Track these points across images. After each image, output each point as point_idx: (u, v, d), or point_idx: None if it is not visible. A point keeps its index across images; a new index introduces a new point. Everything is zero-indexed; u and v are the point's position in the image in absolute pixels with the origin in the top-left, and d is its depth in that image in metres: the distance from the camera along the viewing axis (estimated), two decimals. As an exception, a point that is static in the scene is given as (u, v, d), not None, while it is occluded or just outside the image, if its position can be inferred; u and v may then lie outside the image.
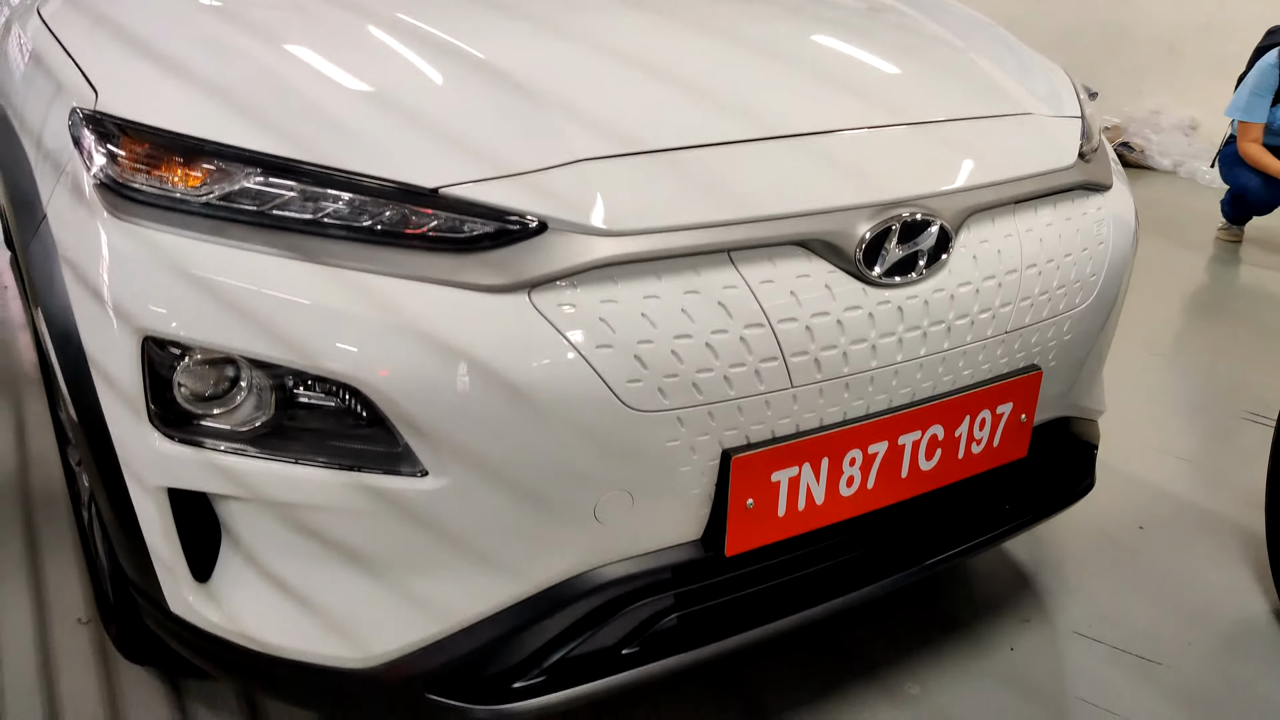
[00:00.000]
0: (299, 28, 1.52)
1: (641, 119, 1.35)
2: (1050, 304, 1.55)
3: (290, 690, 1.38)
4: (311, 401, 1.22)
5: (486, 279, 1.19)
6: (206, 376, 1.23)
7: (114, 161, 1.28)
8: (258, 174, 1.22)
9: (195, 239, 1.21)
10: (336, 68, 1.37)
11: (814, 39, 1.74)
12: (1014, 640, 1.94)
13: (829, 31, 1.80)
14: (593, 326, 1.19)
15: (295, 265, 1.19)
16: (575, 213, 1.22)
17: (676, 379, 1.23)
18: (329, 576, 1.27)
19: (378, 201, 1.21)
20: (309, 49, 1.42)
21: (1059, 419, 1.76)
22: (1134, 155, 5.79)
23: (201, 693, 1.73)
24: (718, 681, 1.78)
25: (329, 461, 1.22)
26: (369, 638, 1.28)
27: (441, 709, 1.32)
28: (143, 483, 1.28)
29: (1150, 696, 1.81)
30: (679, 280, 1.24)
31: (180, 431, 1.24)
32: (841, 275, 1.34)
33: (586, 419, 1.21)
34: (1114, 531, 2.31)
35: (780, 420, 1.33)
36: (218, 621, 1.32)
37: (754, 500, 1.34)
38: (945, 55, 1.78)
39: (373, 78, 1.36)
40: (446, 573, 1.26)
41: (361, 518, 1.22)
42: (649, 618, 1.40)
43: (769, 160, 1.37)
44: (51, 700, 1.72)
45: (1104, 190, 1.67)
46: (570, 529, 1.27)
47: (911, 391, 1.43)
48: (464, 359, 1.16)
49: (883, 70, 1.67)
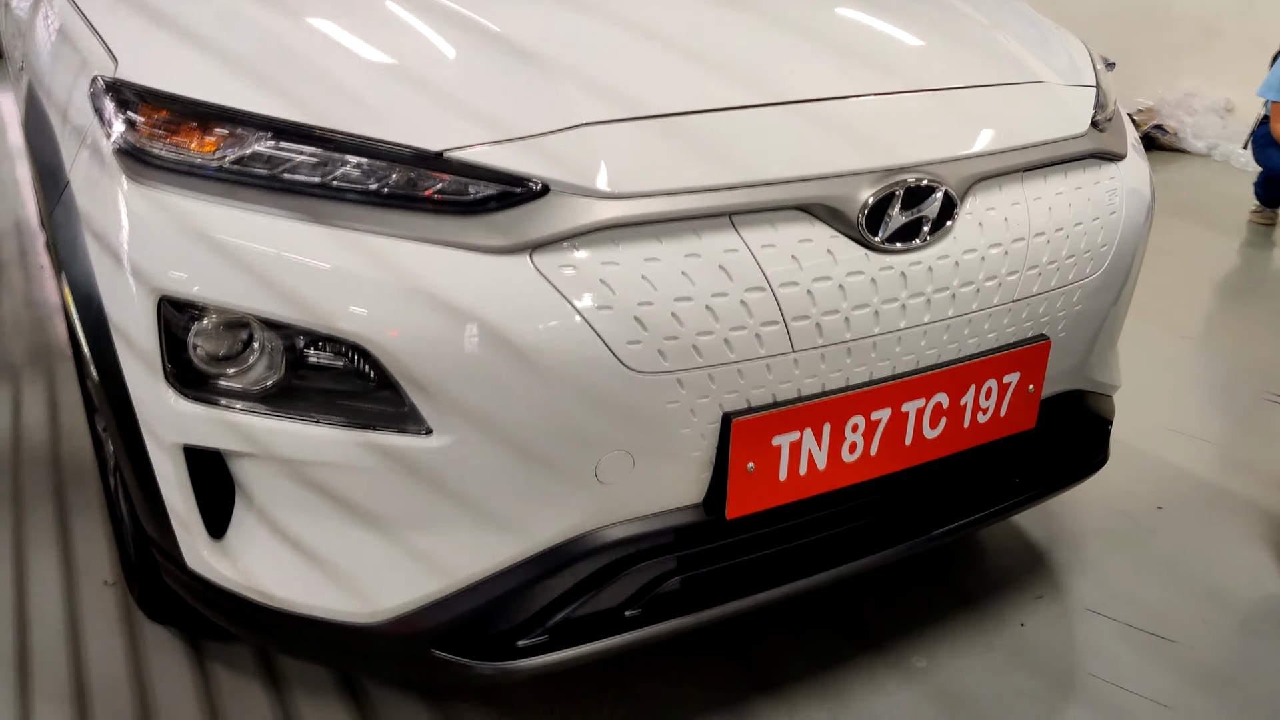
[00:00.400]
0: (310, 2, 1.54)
1: (646, 85, 1.37)
2: (1059, 273, 1.54)
3: (301, 645, 1.42)
4: (320, 361, 1.25)
5: (489, 240, 1.21)
6: (221, 337, 1.26)
7: (132, 128, 1.31)
8: (269, 138, 1.25)
9: (210, 202, 1.24)
10: (348, 36, 1.40)
11: (823, 8, 1.74)
12: (1025, 616, 1.94)
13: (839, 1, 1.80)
14: (593, 288, 1.21)
15: (305, 227, 1.22)
16: (577, 175, 1.24)
17: (676, 341, 1.25)
18: (337, 533, 1.30)
19: (385, 165, 1.24)
20: (322, 19, 1.45)
21: (1071, 392, 1.75)
22: (1167, 138, 5.70)
23: (221, 653, 1.78)
24: (725, 651, 1.80)
25: (337, 420, 1.25)
26: (376, 593, 1.31)
27: (446, 664, 1.35)
28: (160, 440, 1.32)
29: (1162, 673, 1.80)
30: (680, 243, 1.26)
31: (196, 390, 1.28)
32: (844, 240, 1.35)
33: (587, 379, 1.23)
34: (1132, 510, 2.29)
35: (781, 384, 1.34)
36: (232, 577, 1.36)
37: (755, 464, 1.35)
38: (957, 24, 1.78)
39: (382, 46, 1.39)
40: (450, 530, 1.28)
41: (368, 475, 1.25)
42: (651, 580, 1.42)
43: (773, 125, 1.38)
44: (77, 659, 1.77)
45: (1118, 160, 1.66)
46: (572, 489, 1.29)
47: (915, 358, 1.44)
48: (466, 319, 1.19)
49: (892, 38, 1.67)
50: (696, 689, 1.72)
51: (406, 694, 1.69)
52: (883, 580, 2.00)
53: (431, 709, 1.67)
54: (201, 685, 1.71)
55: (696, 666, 1.76)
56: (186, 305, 1.25)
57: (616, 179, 1.25)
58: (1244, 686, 1.78)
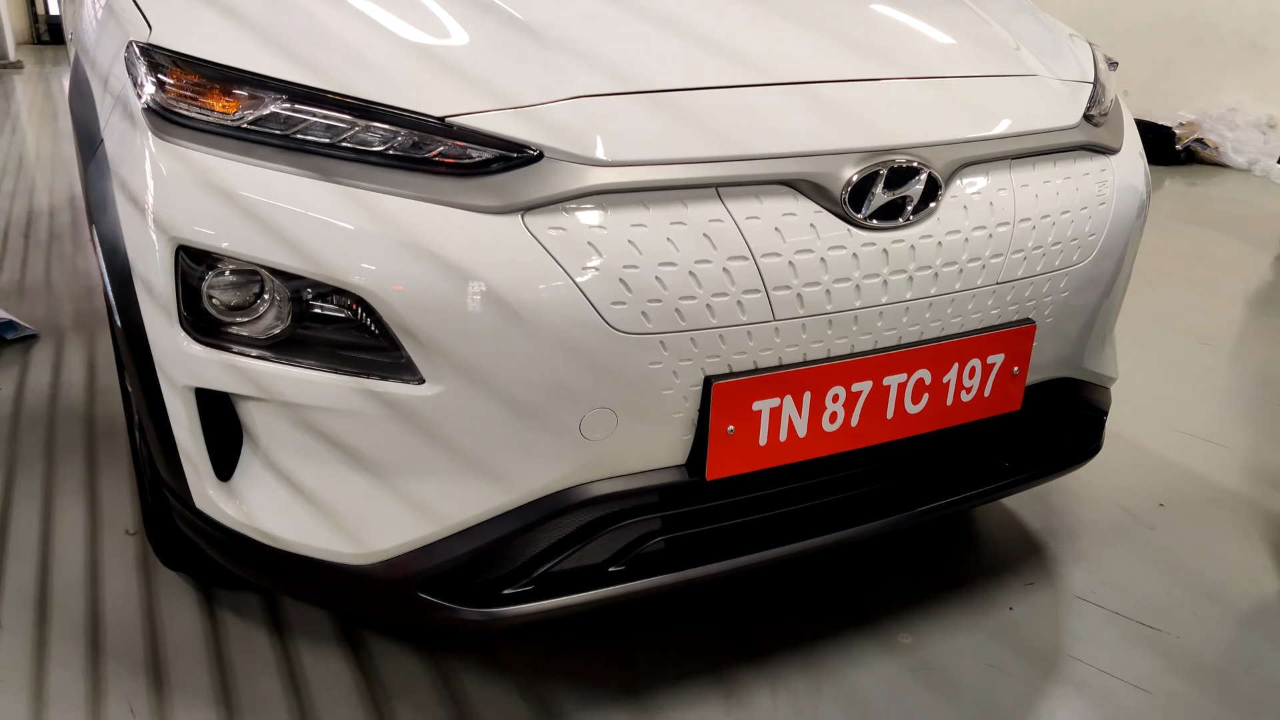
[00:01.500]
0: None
1: (643, 62, 1.43)
2: (1045, 259, 1.58)
3: (299, 584, 1.49)
4: (324, 312, 1.32)
5: (485, 201, 1.28)
6: (233, 287, 1.34)
7: (161, 89, 1.40)
8: (285, 101, 1.33)
9: (228, 159, 1.32)
10: (364, 9, 1.48)
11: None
12: (1014, 601, 1.97)
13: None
14: (581, 250, 1.28)
15: (314, 184, 1.30)
16: (571, 143, 1.30)
17: (660, 304, 1.31)
18: (334, 477, 1.37)
19: (391, 128, 1.31)
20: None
21: (1062, 380, 1.78)
22: (1208, 152, 5.66)
23: (230, 601, 1.86)
24: (714, 624, 1.85)
25: (337, 367, 1.32)
26: (368, 536, 1.39)
27: (434, 608, 1.41)
28: (173, 383, 1.40)
29: (1147, 659, 1.82)
30: (666, 211, 1.32)
31: (208, 336, 1.36)
32: (827, 216, 1.40)
33: (572, 336, 1.29)
34: (1133, 506, 2.31)
35: (762, 351, 1.39)
36: (236, 517, 1.43)
37: (735, 427, 1.40)
38: (956, 17, 1.82)
39: (396, 18, 1.46)
40: (440, 477, 1.35)
41: (364, 420, 1.32)
42: (636, 539, 1.48)
43: (763, 104, 1.43)
44: (95, 601, 1.86)
45: (1110, 154, 1.70)
46: (557, 442, 1.35)
47: (898, 334, 1.49)
48: (459, 274, 1.26)
49: (889, 28, 1.72)
50: (683, 658, 1.77)
51: (403, 646, 1.77)
52: (875, 560, 2.04)
53: (425, 662, 1.74)
54: (210, 630, 1.79)
55: (685, 637, 1.82)
56: (202, 254, 1.33)
57: (608, 148, 1.31)
58: (1227, 676, 1.79)
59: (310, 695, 1.66)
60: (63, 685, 1.67)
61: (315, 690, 1.67)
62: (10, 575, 1.93)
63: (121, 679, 1.68)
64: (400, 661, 1.74)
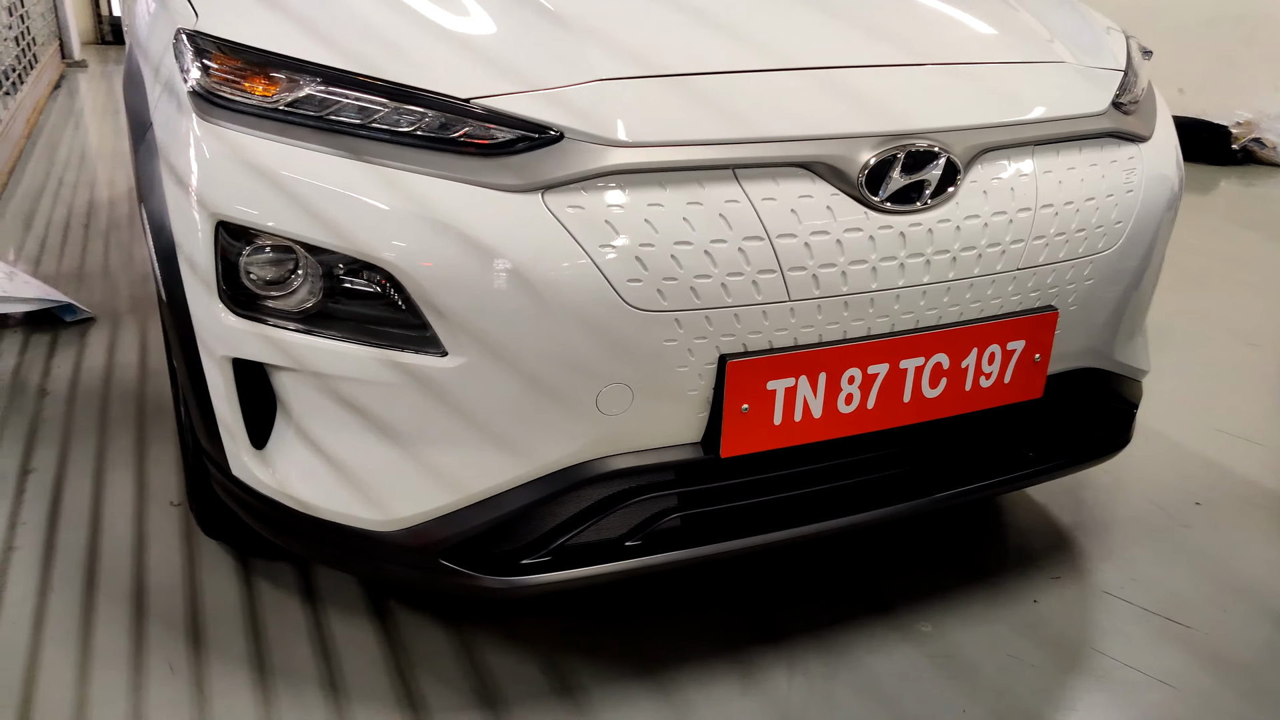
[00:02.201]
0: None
1: (664, 46, 1.47)
2: (1068, 245, 1.58)
3: (327, 549, 1.54)
4: (353, 287, 1.38)
5: (507, 180, 1.32)
6: (270, 262, 1.40)
7: (206, 73, 1.46)
8: (319, 83, 1.39)
9: (265, 139, 1.38)
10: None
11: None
12: (1039, 594, 1.96)
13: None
14: (598, 228, 1.31)
15: (346, 163, 1.35)
16: (590, 125, 1.34)
17: (675, 282, 1.34)
18: (361, 445, 1.42)
19: (419, 109, 1.36)
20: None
21: (1089, 370, 1.78)
22: (1265, 152, 5.54)
23: (266, 570, 1.93)
24: (734, 606, 1.88)
25: (365, 339, 1.37)
26: (392, 503, 1.43)
27: (454, 574, 1.46)
28: (212, 354, 1.46)
29: (1172, 655, 1.81)
30: (683, 192, 1.35)
31: (245, 309, 1.42)
32: (844, 199, 1.42)
33: (589, 312, 1.32)
34: (1168, 504, 2.29)
35: (777, 331, 1.42)
36: (269, 483, 1.49)
37: (749, 406, 1.43)
38: (982, 4, 1.82)
39: (426, 3, 1.52)
40: (461, 447, 1.40)
41: (390, 391, 1.37)
42: (652, 515, 1.51)
43: (782, 88, 1.46)
44: (140, 567, 1.94)
45: (1139, 141, 1.69)
46: (573, 416, 1.39)
47: (915, 317, 1.50)
48: (481, 250, 1.30)
49: (912, 14, 1.73)
50: (701, 638, 1.79)
51: (428, 618, 1.82)
52: (899, 549, 2.05)
53: (450, 634, 1.78)
54: (246, 597, 1.86)
55: (705, 618, 1.84)
56: (241, 230, 1.39)
57: (627, 129, 1.35)
58: (1255, 673, 1.77)
59: (339, 661, 1.71)
60: (108, 643, 1.74)
61: (343, 656, 1.73)
62: (63, 541, 2.01)
63: (162, 639, 1.75)
64: (425, 632, 1.79)
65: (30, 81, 6.24)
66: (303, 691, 1.65)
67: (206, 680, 1.67)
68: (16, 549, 1.99)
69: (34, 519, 2.08)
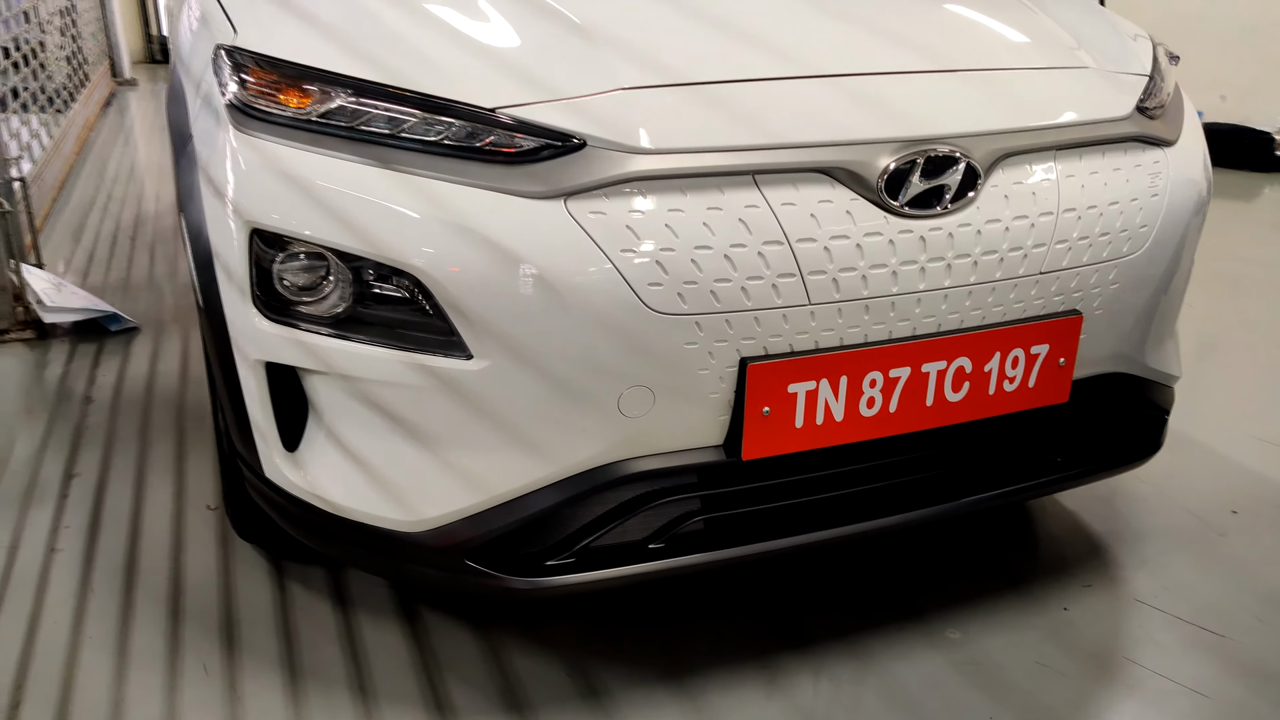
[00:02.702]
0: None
1: (685, 55, 1.49)
2: (1091, 249, 1.58)
3: (356, 550, 1.57)
4: (381, 292, 1.41)
5: (531, 187, 1.35)
6: (301, 269, 1.44)
7: (243, 86, 1.51)
8: (350, 94, 1.42)
9: (298, 149, 1.42)
10: (425, 7, 1.57)
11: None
12: (1070, 602, 1.94)
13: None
14: (619, 233, 1.34)
15: (375, 171, 1.38)
16: (612, 132, 1.37)
17: (695, 286, 1.36)
18: (389, 447, 1.45)
19: (446, 118, 1.39)
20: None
21: (1117, 375, 1.77)
22: (1311, 160, 5.45)
23: (298, 573, 1.97)
24: (760, 609, 1.88)
25: (393, 343, 1.40)
26: (420, 504, 1.46)
27: (480, 575, 1.48)
28: (246, 358, 1.50)
29: (1205, 664, 1.78)
30: (703, 197, 1.37)
31: (278, 314, 1.46)
32: (864, 203, 1.43)
33: (610, 316, 1.35)
34: (1203, 512, 2.26)
35: (798, 335, 1.43)
36: (300, 485, 1.53)
37: (770, 408, 1.44)
38: (1003, 10, 1.83)
39: (454, 16, 1.55)
40: (486, 449, 1.42)
41: (417, 393, 1.40)
42: (675, 517, 1.53)
43: (802, 95, 1.47)
44: (177, 569, 1.99)
45: (1164, 146, 1.68)
46: (596, 418, 1.41)
47: (937, 321, 1.50)
48: (505, 255, 1.33)
49: (933, 21, 1.74)
50: (728, 643, 1.80)
51: (456, 621, 1.84)
52: (928, 555, 2.05)
53: (477, 637, 1.81)
54: (279, 600, 1.90)
55: (732, 624, 1.84)
56: (274, 238, 1.43)
57: (647, 137, 1.37)
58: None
59: (368, 663, 1.74)
60: (144, 643, 1.79)
61: (372, 658, 1.75)
62: (103, 544, 2.07)
63: (197, 640, 1.79)
64: (454, 635, 1.81)
65: (81, 100, 6.41)
66: (332, 693, 1.68)
67: (239, 681, 1.70)
68: (59, 551, 2.05)
69: (76, 522, 2.14)
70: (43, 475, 2.33)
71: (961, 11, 1.79)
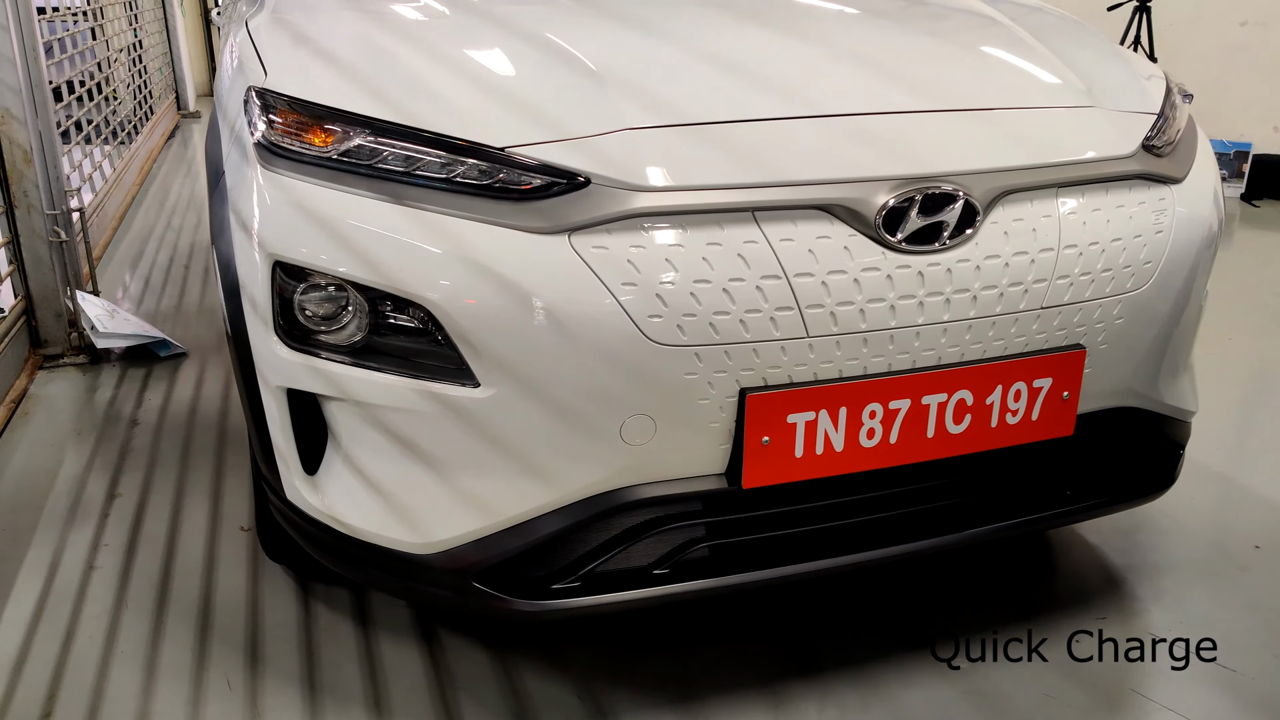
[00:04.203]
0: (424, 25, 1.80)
1: (689, 96, 1.54)
2: (1094, 285, 1.59)
3: (369, 571, 1.63)
4: (395, 322, 1.47)
5: (536, 223, 1.41)
6: (321, 300, 1.51)
7: (271, 127, 1.59)
8: (369, 134, 1.50)
9: (319, 186, 1.49)
10: (442, 50, 1.65)
11: (875, 34, 1.87)
12: (1082, 633, 1.93)
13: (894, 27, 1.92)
14: (620, 267, 1.39)
15: (390, 208, 1.45)
16: (616, 171, 1.42)
17: (694, 318, 1.40)
18: (401, 471, 1.51)
19: (458, 157, 1.46)
20: (424, 36, 1.70)
21: (1127, 409, 1.77)
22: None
23: (323, 594, 2.03)
24: (768, 635, 1.90)
25: (405, 371, 1.47)
26: (429, 527, 1.52)
27: (487, 597, 1.53)
28: (268, 383, 1.57)
29: (1217, 699, 1.77)
30: (703, 233, 1.42)
31: (298, 343, 1.53)
32: (862, 239, 1.47)
33: (611, 347, 1.39)
34: (1227, 547, 2.24)
35: (797, 366, 1.46)
36: (318, 507, 1.59)
37: (770, 438, 1.48)
38: (1009, 51, 1.86)
39: (468, 58, 1.63)
40: (492, 474, 1.47)
41: (425, 419, 1.46)
42: (680, 544, 1.56)
43: (803, 134, 1.52)
44: (208, 587, 2.07)
45: (1171, 183, 1.70)
46: (599, 445, 1.45)
47: (936, 354, 1.53)
48: (511, 288, 1.38)
49: (938, 61, 1.78)
50: (736, 668, 1.82)
51: (472, 643, 1.89)
52: (941, 585, 2.05)
53: (492, 658, 1.85)
54: (303, 619, 1.96)
55: (741, 650, 1.87)
56: (296, 270, 1.50)
57: (650, 175, 1.42)
58: (1305, 723, 1.73)
59: (385, 681, 1.80)
60: (173, 658, 1.86)
61: (390, 677, 1.81)
62: (140, 562, 2.15)
63: (223, 656, 1.86)
64: (470, 656, 1.86)
65: (145, 132, 6.65)
66: (349, 710, 1.73)
67: (260, 696, 1.76)
68: (97, 568, 2.13)
69: (115, 541, 2.23)
70: (86, 495, 2.43)
71: (968, 51, 1.82)
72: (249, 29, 2.11)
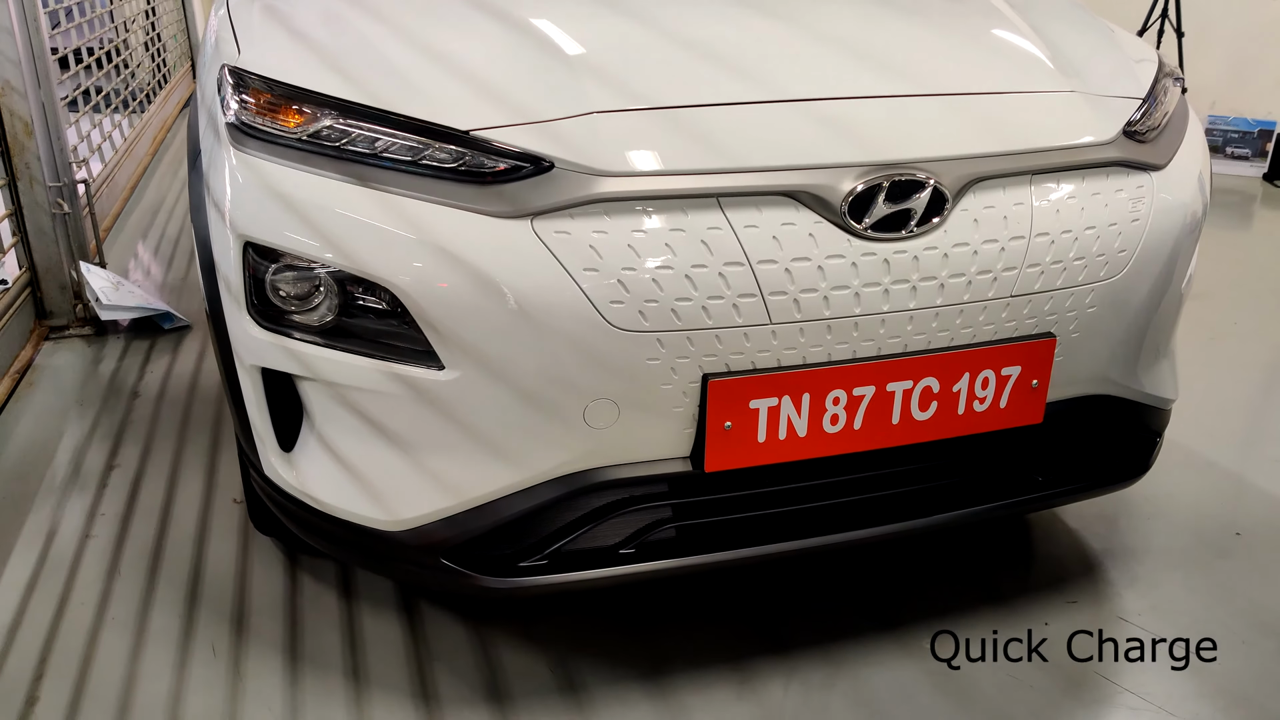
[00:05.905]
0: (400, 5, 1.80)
1: (656, 80, 1.55)
2: (1065, 273, 1.59)
3: (342, 546, 1.66)
4: (363, 304, 1.49)
5: (498, 207, 1.42)
6: (291, 280, 1.53)
7: (241, 106, 1.60)
8: (335, 115, 1.51)
9: (288, 167, 1.51)
10: (412, 31, 1.66)
11: (850, 16, 1.86)
12: (1052, 617, 1.95)
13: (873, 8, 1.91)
14: (582, 252, 1.40)
15: (356, 189, 1.47)
16: (580, 155, 1.43)
17: (656, 304, 1.41)
18: (370, 451, 1.54)
19: (422, 139, 1.47)
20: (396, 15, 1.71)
21: (1100, 397, 1.77)
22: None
23: (310, 566, 2.07)
24: (742, 615, 1.93)
25: (373, 353, 1.49)
26: (398, 505, 1.55)
27: (455, 574, 1.56)
28: (243, 363, 1.60)
29: (1181, 684, 1.78)
30: (666, 219, 1.43)
31: (271, 323, 1.55)
32: (827, 226, 1.47)
33: (573, 332, 1.41)
34: (1207, 533, 2.24)
35: (760, 353, 1.48)
36: (293, 483, 1.63)
37: (732, 423, 1.49)
38: (989, 34, 1.84)
39: (437, 40, 1.63)
40: (458, 455, 1.50)
41: (393, 401, 1.49)
42: (645, 525, 1.59)
43: (770, 119, 1.52)
44: (198, 559, 2.11)
45: (1151, 170, 1.68)
46: (563, 428, 1.47)
47: (902, 342, 1.53)
48: (473, 272, 1.40)
49: (913, 45, 1.77)
50: (706, 647, 1.85)
51: (451, 617, 1.93)
52: (914, 568, 2.07)
53: (469, 632, 1.89)
54: (289, 589, 2.01)
55: (714, 629, 1.89)
56: (267, 250, 1.52)
57: (614, 160, 1.43)
58: (1263, 707, 1.74)
59: (364, 651, 1.84)
60: (161, 624, 1.91)
61: (369, 647, 1.85)
62: (134, 531, 2.20)
63: (210, 624, 1.91)
64: (448, 629, 1.90)
65: (158, 101, 6.67)
66: (327, 676, 1.78)
67: (243, 662, 1.81)
68: (93, 537, 2.19)
69: (111, 510, 2.28)
70: (86, 465, 2.48)
71: (946, 34, 1.81)
72: (229, 6, 2.12)
